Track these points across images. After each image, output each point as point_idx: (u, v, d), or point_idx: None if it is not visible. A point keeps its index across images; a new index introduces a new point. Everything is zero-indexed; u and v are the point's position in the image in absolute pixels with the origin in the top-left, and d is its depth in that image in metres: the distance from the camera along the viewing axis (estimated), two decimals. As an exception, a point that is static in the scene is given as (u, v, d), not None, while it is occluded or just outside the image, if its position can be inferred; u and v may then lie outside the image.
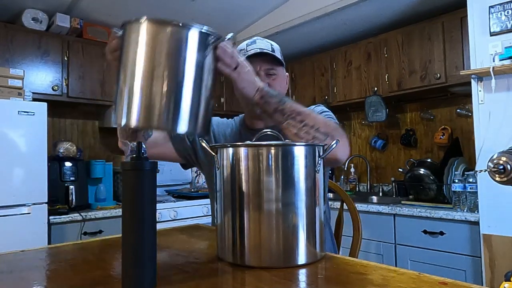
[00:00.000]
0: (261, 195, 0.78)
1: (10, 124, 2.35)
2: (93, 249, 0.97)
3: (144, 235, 0.65)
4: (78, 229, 2.59)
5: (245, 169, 0.79)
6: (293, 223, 0.79)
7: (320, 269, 0.79)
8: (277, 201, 0.78)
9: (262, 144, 0.81)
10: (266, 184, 0.78)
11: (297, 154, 0.80)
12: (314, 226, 0.82)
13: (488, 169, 1.11)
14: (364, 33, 3.21)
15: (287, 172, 0.79)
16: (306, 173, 0.80)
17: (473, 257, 2.21)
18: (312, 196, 0.82)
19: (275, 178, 0.78)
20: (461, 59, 2.59)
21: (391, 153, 3.37)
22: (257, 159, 0.79)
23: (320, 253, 0.83)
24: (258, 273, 0.74)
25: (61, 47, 2.94)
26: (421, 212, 2.42)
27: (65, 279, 0.71)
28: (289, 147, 0.80)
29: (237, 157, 0.81)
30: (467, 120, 2.88)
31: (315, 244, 0.82)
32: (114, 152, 3.49)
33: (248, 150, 0.80)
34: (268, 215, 0.78)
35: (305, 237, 0.80)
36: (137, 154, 0.68)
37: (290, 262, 0.78)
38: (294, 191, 0.79)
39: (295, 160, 0.80)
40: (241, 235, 0.79)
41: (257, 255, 0.78)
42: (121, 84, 0.73)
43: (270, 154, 0.79)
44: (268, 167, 0.78)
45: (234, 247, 0.79)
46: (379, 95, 3.05)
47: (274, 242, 0.77)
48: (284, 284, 0.69)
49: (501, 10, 2.07)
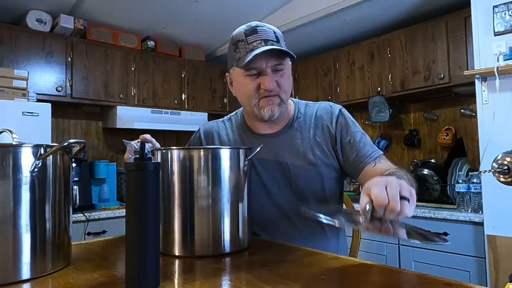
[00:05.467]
0: (192, 193, 0.89)
1: (14, 124, 2.35)
2: (97, 249, 0.97)
3: (148, 235, 0.65)
4: (82, 230, 2.60)
5: (178, 170, 0.90)
6: (219, 217, 0.90)
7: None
8: (207, 198, 0.89)
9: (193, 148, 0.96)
10: (198, 183, 0.89)
11: (223, 156, 0.91)
12: (238, 219, 0.92)
13: (492, 169, 1.10)
14: (367, 33, 3.20)
15: (215, 172, 0.90)
16: (230, 173, 0.91)
17: (477, 258, 2.20)
18: (236, 192, 0.92)
19: (205, 178, 0.89)
20: (465, 59, 2.58)
21: (395, 154, 3.35)
22: (189, 161, 0.90)
23: (243, 243, 0.93)
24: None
25: (65, 48, 2.95)
26: (425, 212, 2.41)
27: (69, 279, 0.71)
28: (216, 150, 0.93)
29: (173, 159, 0.91)
30: (471, 120, 2.87)
31: (239, 235, 0.92)
32: (117, 152, 3.51)
33: (180, 152, 0.91)
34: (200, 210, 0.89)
35: (229, 228, 0.90)
36: (140, 155, 0.68)
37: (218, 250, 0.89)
38: (220, 189, 0.90)
39: (222, 162, 0.91)
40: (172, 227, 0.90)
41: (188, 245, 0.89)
42: None
43: (200, 156, 0.90)
44: (199, 167, 0.89)
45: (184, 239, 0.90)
46: (383, 95, 3.04)
47: (204, 233, 0.88)
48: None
49: (505, 10, 2.06)
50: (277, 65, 1.07)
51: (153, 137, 1.06)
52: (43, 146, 0.73)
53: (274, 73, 1.07)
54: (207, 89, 3.77)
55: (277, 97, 1.09)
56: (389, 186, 0.72)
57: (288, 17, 3.11)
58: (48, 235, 0.74)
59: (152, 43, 3.43)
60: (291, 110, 1.20)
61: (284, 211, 1.15)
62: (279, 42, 1.07)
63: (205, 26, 3.33)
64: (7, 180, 0.69)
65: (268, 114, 1.09)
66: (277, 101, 1.09)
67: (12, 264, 0.69)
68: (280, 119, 1.16)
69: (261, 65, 1.06)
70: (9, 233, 0.69)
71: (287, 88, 1.11)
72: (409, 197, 0.73)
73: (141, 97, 3.34)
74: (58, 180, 0.77)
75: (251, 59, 1.02)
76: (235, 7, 3.02)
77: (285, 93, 1.11)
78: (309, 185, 1.14)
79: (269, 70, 1.06)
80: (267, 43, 1.04)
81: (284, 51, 1.05)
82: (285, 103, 1.12)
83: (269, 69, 1.06)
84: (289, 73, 1.12)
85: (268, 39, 1.05)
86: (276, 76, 1.08)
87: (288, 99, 1.15)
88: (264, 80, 1.06)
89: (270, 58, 1.05)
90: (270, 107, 1.09)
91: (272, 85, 1.06)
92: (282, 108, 1.11)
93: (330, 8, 2.83)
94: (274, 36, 1.07)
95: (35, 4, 2.82)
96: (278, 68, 1.07)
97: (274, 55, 1.05)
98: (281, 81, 1.08)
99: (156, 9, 2.99)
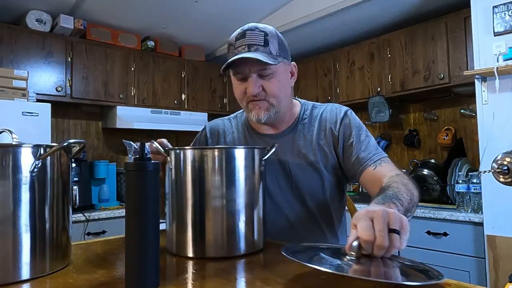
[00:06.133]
0: (208, 193, 0.87)
1: (14, 124, 2.33)
2: (97, 249, 0.97)
3: (148, 235, 0.65)
4: (82, 230, 2.60)
5: (192, 170, 0.87)
6: (234, 218, 0.87)
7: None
8: (222, 198, 0.86)
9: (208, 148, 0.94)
10: (212, 183, 0.86)
11: (238, 156, 0.89)
12: (253, 220, 0.90)
13: (492, 169, 1.10)
14: (367, 33, 3.20)
15: (230, 173, 0.88)
16: (245, 173, 0.89)
17: (477, 258, 2.20)
18: (252, 193, 0.90)
19: (219, 178, 0.87)
20: (464, 59, 2.58)
21: (395, 154, 3.36)
22: (204, 161, 0.87)
23: (258, 245, 0.91)
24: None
25: (65, 48, 2.95)
26: (424, 213, 2.41)
27: (69, 279, 0.71)
28: (231, 150, 0.90)
29: (187, 159, 0.88)
30: (470, 120, 2.87)
31: (253, 236, 0.90)
32: (117, 152, 3.51)
33: (195, 152, 0.89)
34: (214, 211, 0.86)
35: (244, 229, 0.88)
36: (140, 155, 0.68)
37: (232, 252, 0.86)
38: (235, 189, 0.88)
39: (237, 162, 0.88)
40: (185, 229, 0.87)
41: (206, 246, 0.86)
42: None
43: (215, 156, 0.88)
44: (213, 168, 0.87)
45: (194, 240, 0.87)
46: (382, 96, 3.04)
47: (218, 234, 0.86)
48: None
49: (505, 10, 2.06)
50: (261, 69, 1.04)
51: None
52: (43, 146, 0.73)
53: (261, 77, 1.06)
54: (207, 89, 3.77)
55: (264, 102, 1.08)
56: (375, 219, 0.65)
57: (288, 17, 3.11)
58: (48, 235, 0.74)
59: (152, 43, 3.44)
60: (296, 111, 1.19)
61: (284, 211, 1.15)
62: (268, 45, 1.04)
63: (205, 26, 3.33)
64: (7, 180, 0.69)
65: (255, 118, 1.09)
66: (265, 106, 1.08)
67: (11, 264, 0.69)
68: (282, 120, 1.16)
69: (244, 70, 1.05)
70: (9, 233, 0.69)
71: (276, 92, 1.07)
72: (399, 229, 0.65)
73: (141, 97, 3.34)
74: (58, 180, 0.77)
75: (232, 64, 1.04)
76: (235, 7, 3.02)
77: (274, 98, 1.08)
78: (309, 186, 1.14)
79: (254, 75, 1.05)
80: (250, 48, 1.03)
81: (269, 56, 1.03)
82: (274, 107, 1.09)
83: (253, 74, 1.05)
84: (280, 77, 1.08)
85: (253, 44, 1.03)
86: (262, 81, 1.06)
87: (281, 103, 1.10)
88: (248, 85, 1.07)
89: (254, 64, 1.03)
90: (257, 112, 1.08)
91: (256, 91, 1.05)
92: (271, 113, 1.09)
93: (330, 8, 2.84)
94: (263, 40, 1.04)
95: (35, 4, 2.82)
96: (263, 73, 1.05)
97: (260, 61, 1.02)
98: (267, 85, 1.06)
99: (156, 9, 2.99)
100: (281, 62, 1.08)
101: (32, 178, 0.71)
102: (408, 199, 0.86)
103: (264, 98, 1.08)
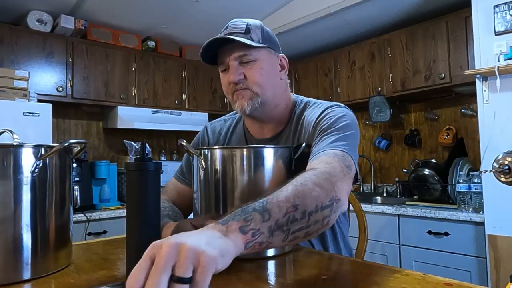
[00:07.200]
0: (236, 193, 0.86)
1: (15, 125, 2.34)
2: (98, 249, 0.97)
3: (148, 235, 0.65)
4: (83, 230, 2.60)
5: (229, 169, 0.87)
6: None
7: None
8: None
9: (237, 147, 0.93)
10: (242, 183, 0.85)
11: (267, 155, 0.88)
12: None
13: (493, 169, 1.10)
14: (368, 33, 3.20)
15: (260, 172, 0.87)
16: (276, 172, 0.88)
17: (478, 258, 2.20)
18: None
19: (248, 177, 0.86)
20: (465, 59, 2.58)
21: (395, 154, 3.35)
22: (240, 160, 0.87)
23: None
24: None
25: (66, 48, 2.95)
26: (425, 212, 2.41)
27: (70, 279, 0.71)
28: (260, 149, 0.90)
29: (223, 158, 0.88)
30: (471, 120, 2.86)
31: None
32: (118, 152, 3.51)
33: (224, 151, 0.89)
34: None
35: None
36: (141, 155, 0.68)
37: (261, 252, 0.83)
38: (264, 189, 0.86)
39: (266, 161, 0.88)
40: None
41: None
42: None
43: (243, 155, 0.87)
44: (241, 166, 0.87)
45: None
46: (383, 95, 3.04)
47: None
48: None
49: (506, 10, 2.06)
50: (242, 56, 1.01)
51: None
52: (44, 146, 0.74)
53: (242, 65, 1.02)
54: (208, 89, 3.77)
55: (247, 90, 1.02)
56: (156, 261, 0.46)
57: (288, 17, 3.11)
58: (49, 236, 0.74)
59: (153, 43, 3.44)
60: (286, 114, 1.12)
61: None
62: (249, 33, 1.01)
63: (206, 26, 3.32)
64: (8, 180, 0.69)
65: (239, 108, 1.05)
66: (248, 95, 1.03)
67: (13, 264, 0.70)
68: (271, 114, 1.09)
69: (225, 59, 1.03)
70: (10, 234, 0.69)
71: (258, 79, 1.02)
72: (188, 276, 0.45)
73: (141, 97, 3.34)
74: (59, 181, 0.77)
75: (205, 50, 1.03)
76: (235, 7, 3.02)
77: (257, 85, 1.02)
78: None
79: (235, 62, 1.02)
80: (231, 36, 1.00)
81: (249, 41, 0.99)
82: (259, 97, 1.02)
83: (234, 61, 1.02)
84: (263, 64, 1.03)
85: (233, 32, 1.01)
86: (243, 69, 1.02)
87: (266, 92, 1.03)
88: (229, 73, 1.03)
89: (235, 50, 1.01)
90: (240, 102, 1.04)
91: (236, 78, 1.01)
92: (255, 102, 1.02)
93: (330, 8, 2.83)
94: (244, 28, 1.01)
95: (36, 5, 2.83)
96: (245, 59, 1.01)
97: (239, 47, 1.00)
98: (249, 72, 1.01)
99: (156, 9, 3.00)
100: (264, 49, 1.03)
101: (33, 178, 0.71)
102: (291, 209, 0.64)
103: (246, 87, 1.03)
